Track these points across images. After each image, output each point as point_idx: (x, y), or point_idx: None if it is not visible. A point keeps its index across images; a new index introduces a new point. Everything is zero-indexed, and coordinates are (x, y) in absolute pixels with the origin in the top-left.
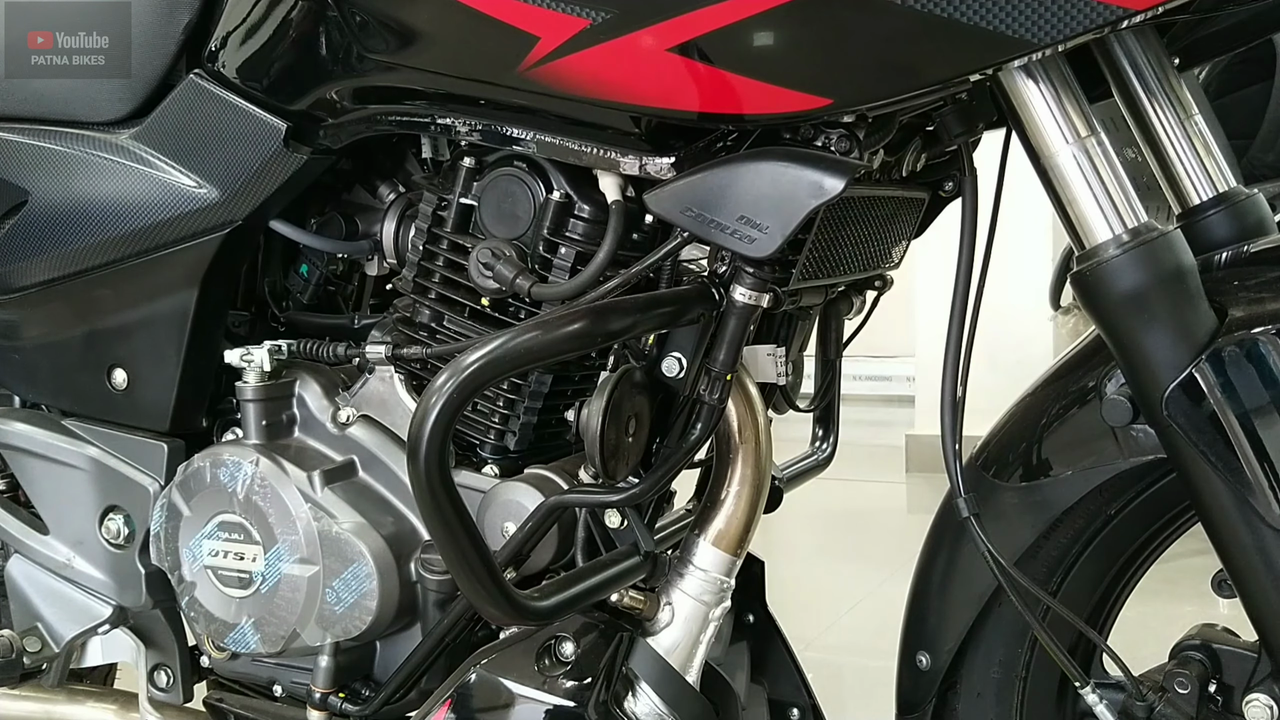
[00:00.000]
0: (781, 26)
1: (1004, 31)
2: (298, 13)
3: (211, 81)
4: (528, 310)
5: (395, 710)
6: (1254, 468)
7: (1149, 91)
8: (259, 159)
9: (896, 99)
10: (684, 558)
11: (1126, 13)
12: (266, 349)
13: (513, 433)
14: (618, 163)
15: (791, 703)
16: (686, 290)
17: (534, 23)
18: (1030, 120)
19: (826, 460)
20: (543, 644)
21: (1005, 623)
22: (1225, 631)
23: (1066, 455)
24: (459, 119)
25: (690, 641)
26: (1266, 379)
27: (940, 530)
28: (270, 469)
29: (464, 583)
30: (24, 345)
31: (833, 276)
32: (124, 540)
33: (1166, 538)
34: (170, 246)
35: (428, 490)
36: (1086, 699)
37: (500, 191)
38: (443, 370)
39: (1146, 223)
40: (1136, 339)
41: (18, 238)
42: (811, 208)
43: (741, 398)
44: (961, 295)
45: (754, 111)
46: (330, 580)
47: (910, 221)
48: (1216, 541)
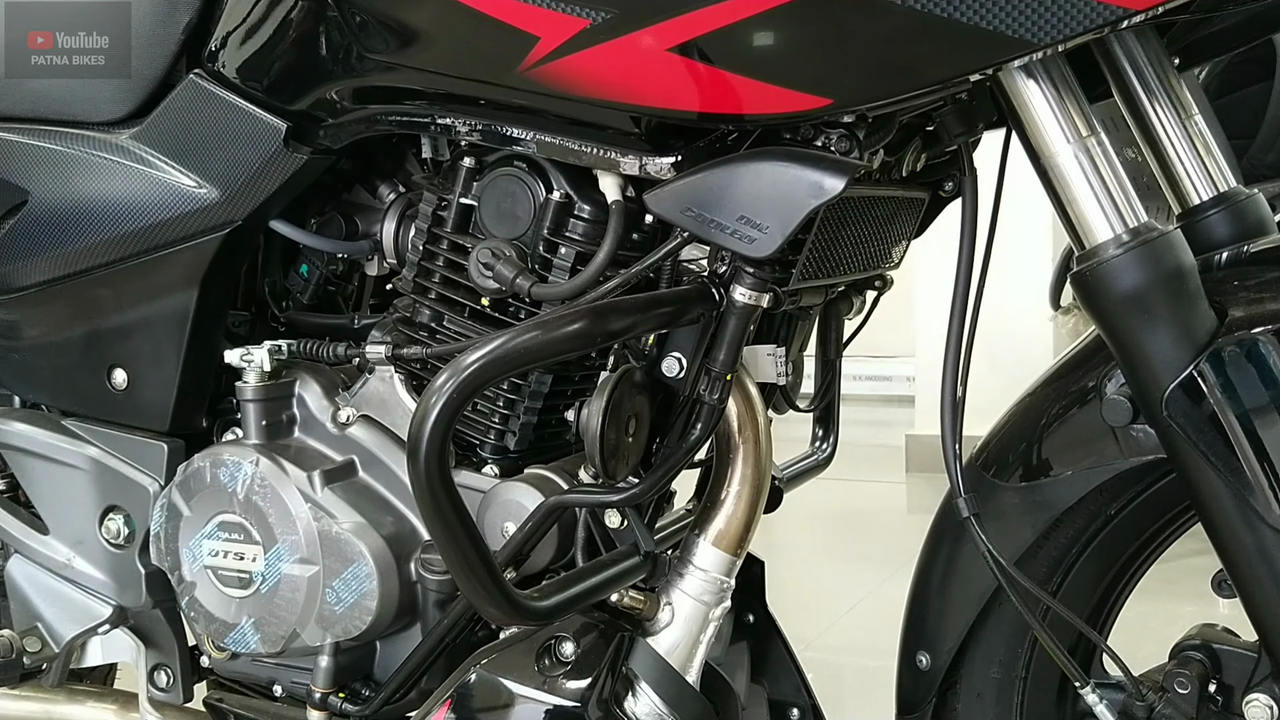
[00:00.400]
0: (781, 26)
1: (1004, 31)
2: (298, 13)
3: (211, 81)
4: (528, 310)
5: (395, 710)
6: (1254, 468)
7: (1149, 91)
8: (259, 159)
9: (896, 99)
10: (684, 558)
11: (1126, 13)
12: (266, 349)
13: (513, 433)
14: (618, 163)
15: (791, 703)
16: (686, 290)
17: (534, 23)
18: (1030, 120)
19: (826, 460)
20: (543, 644)
21: (1005, 623)
22: (1225, 631)
23: (1066, 455)
24: (459, 119)
25: (690, 641)
26: (1266, 379)
27: (940, 530)
28: (270, 469)
29: (464, 583)
30: (24, 345)
31: (833, 276)
32: (124, 540)
33: (1166, 538)
34: (170, 246)
35: (428, 490)
36: (1086, 699)
37: (500, 191)
38: (443, 370)
39: (1146, 223)
40: (1136, 339)
41: (18, 238)
42: (811, 208)
43: (741, 398)
44: (961, 295)
45: (754, 111)
46: (330, 580)
47: (910, 221)
48: (1216, 541)
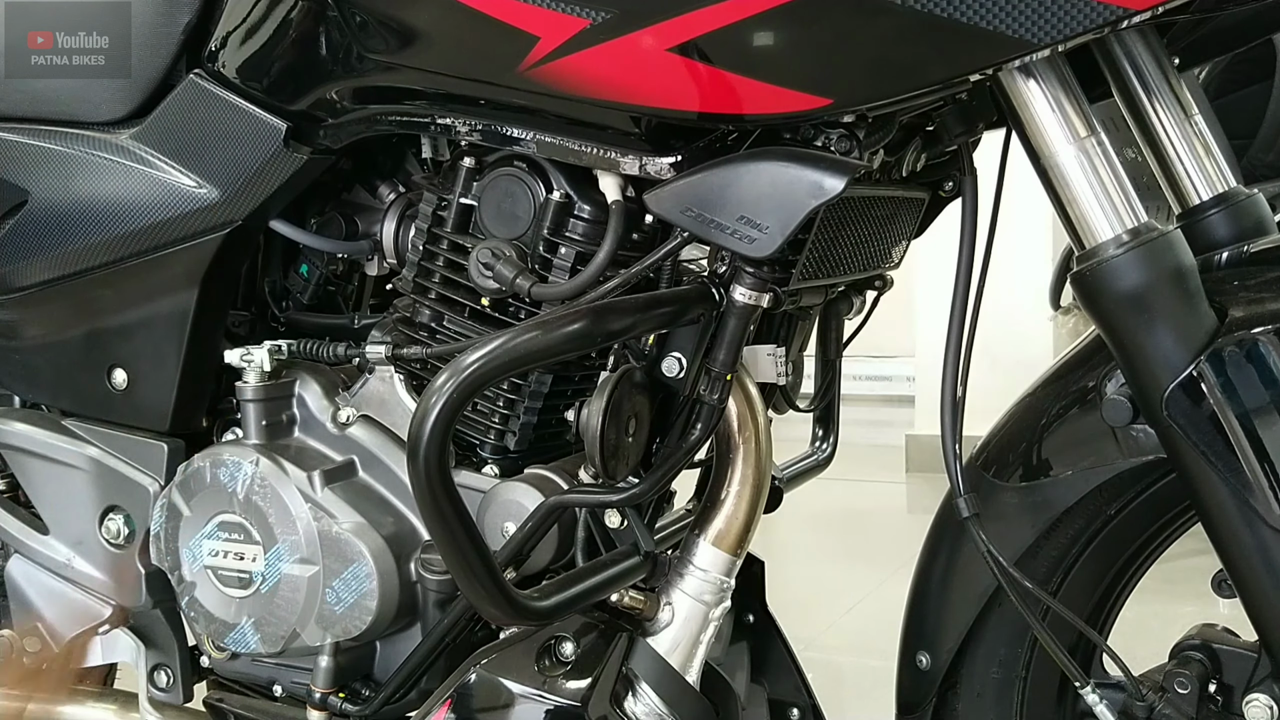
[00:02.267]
0: (781, 26)
1: (1004, 31)
2: (298, 13)
3: (211, 81)
4: (528, 310)
5: (395, 710)
6: (1254, 468)
7: (1149, 91)
8: (259, 159)
9: (896, 99)
10: (684, 558)
11: (1126, 13)
12: (266, 349)
13: (513, 433)
14: (618, 163)
15: (791, 703)
16: (686, 290)
17: (534, 23)
18: (1030, 120)
19: (826, 460)
20: (543, 644)
21: (1005, 623)
22: (1225, 631)
23: (1066, 455)
24: (459, 119)
25: (690, 641)
26: (1266, 379)
27: (940, 530)
28: (270, 469)
29: (464, 583)
30: (24, 345)
31: (833, 276)
32: (124, 540)
33: (1166, 538)
34: (170, 246)
35: (428, 490)
36: (1086, 699)
37: (500, 191)
38: (443, 370)
39: (1146, 223)
40: (1136, 339)
41: (18, 238)
42: (811, 208)
43: (741, 398)
44: (961, 295)
45: (754, 111)
46: (330, 580)
47: (910, 221)
48: (1216, 541)
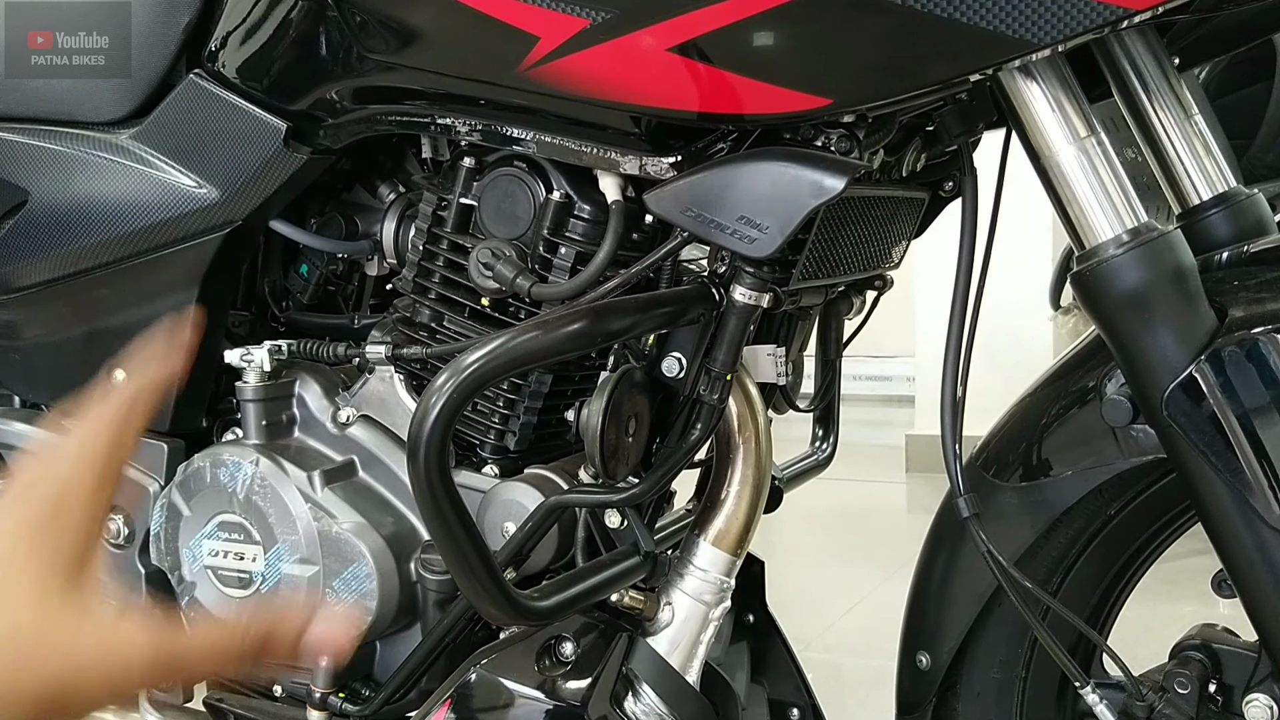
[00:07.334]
0: (781, 26)
1: (1004, 31)
2: (298, 13)
3: (211, 81)
4: (528, 310)
5: (395, 710)
6: (1254, 468)
7: (1149, 91)
8: (259, 159)
9: (896, 99)
10: (684, 558)
11: (1126, 13)
12: (266, 349)
13: (513, 433)
14: (618, 163)
15: (791, 703)
16: (686, 290)
17: (534, 23)
18: (1030, 120)
19: (826, 460)
20: (543, 644)
21: (1005, 623)
22: (1225, 631)
23: (1066, 455)
24: (459, 119)
25: (690, 641)
26: (1266, 379)
27: (940, 530)
28: (270, 469)
29: (464, 583)
30: (24, 345)
31: (833, 276)
32: (124, 540)
33: (1166, 538)
34: (170, 246)
35: (428, 490)
36: (1086, 699)
37: (500, 191)
38: (443, 370)
39: (1146, 223)
40: (1136, 339)
41: (18, 238)
42: (811, 208)
43: (741, 398)
44: (961, 295)
45: (754, 111)
46: (330, 580)
47: (910, 221)
48: (1216, 541)
